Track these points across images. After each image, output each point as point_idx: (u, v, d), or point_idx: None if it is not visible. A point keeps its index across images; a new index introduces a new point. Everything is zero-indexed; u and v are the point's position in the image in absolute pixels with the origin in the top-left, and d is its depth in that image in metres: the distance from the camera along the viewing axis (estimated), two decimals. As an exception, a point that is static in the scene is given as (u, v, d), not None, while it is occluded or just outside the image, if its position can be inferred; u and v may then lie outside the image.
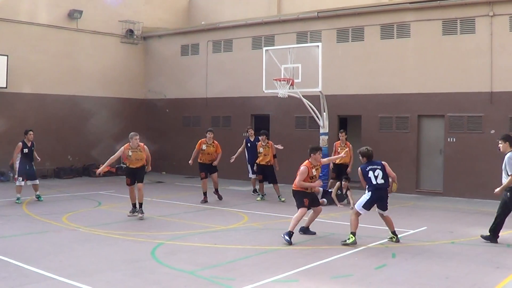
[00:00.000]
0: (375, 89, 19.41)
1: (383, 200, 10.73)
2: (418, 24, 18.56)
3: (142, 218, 13.08)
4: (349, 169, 16.32)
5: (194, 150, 16.21)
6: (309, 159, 11.11)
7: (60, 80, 22.86)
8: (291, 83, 16.72)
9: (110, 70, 24.61)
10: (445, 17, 17.98)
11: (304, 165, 11.04)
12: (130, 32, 25.18)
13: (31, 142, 15.91)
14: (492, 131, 17.16)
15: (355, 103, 19.82)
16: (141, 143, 13.48)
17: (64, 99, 22.90)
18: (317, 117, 17.16)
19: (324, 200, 15.38)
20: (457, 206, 16.03)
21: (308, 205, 11.00)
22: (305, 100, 16.92)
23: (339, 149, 16.15)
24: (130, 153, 13.21)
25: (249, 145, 17.95)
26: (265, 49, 17.93)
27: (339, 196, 15.86)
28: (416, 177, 18.67)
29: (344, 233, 11.46)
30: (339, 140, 16.64)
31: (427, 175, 18.69)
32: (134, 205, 13.45)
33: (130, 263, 8.97)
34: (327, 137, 17.23)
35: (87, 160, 23.02)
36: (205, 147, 16.03)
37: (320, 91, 16.59)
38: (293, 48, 17.33)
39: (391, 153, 18.30)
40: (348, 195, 15.80)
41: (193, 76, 24.39)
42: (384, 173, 10.63)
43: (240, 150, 17.98)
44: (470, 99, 17.61)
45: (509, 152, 10.69)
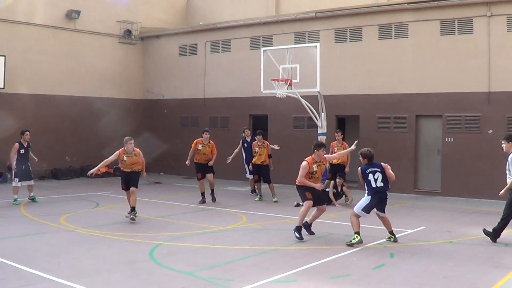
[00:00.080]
0: (373, 89, 19.42)
1: (383, 202, 10.75)
2: (416, 24, 18.57)
3: (133, 221, 12.75)
4: (347, 169, 16.35)
5: (190, 150, 16.21)
6: (312, 154, 11.16)
7: (58, 81, 22.81)
8: (289, 83, 16.71)
9: (108, 71, 24.57)
10: (443, 18, 18.00)
11: (305, 160, 11.10)
12: (128, 32, 25.15)
13: (27, 142, 15.88)
14: (490, 131, 17.19)
15: (353, 103, 19.83)
16: (136, 148, 13.30)
17: (62, 100, 22.86)
18: (315, 117, 17.14)
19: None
20: (455, 205, 16.04)
21: (312, 198, 10.99)
22: (303, 101, 16.91)
23: (336, 149, 16.19)
24: (125, 158, 13.05)
25: (245, 145, 17.95)
26: (263, 49, 17.89)
27: (335, 195, 15.90)
28: (414, 177, 18.68)
29: (342, 233, 11.49)
30: (335, 140, 16.67)
31: (425, 175, 18.70)
32: (133, 208, 13.28)
33: (128, 264, 8.96)
34: (325, 137, 17.20)
35: (85, 161, 22.96)
36: (201, 147, 16.02)
37: (318, 91, 16.58)
38: (291, 49, 17.31)
39: (389, 153, 18.31)
40: (344, 190, 15.98)
41: (191, 76, 24.38)
42: (384, 176, 10.64)
43: (237, 151, 17.98)
44: (468, 99, 17.63)
45: None
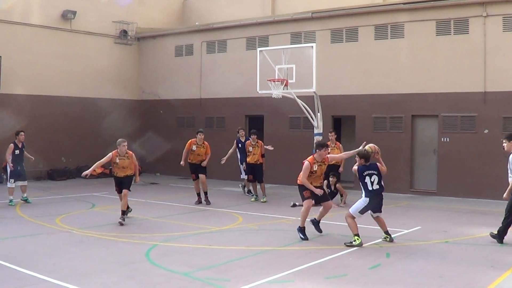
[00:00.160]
0: (369, 89, 19.43)
1: (379, 203, 10.75)
2: (412, 24, 18.59)
3: (122, 224, 12.54)
4: (341, 168, 16.31)
5: (184, 150, 16.13)
6: (314, 154, 11.16)
7: (54, 81, 22.76)
8: (285, 83, 16.71)
9: (104, 71, 24.53)
10: (438, 18, 18.02)
11: (307, 160, 11.11)
12: (124, 33, 25.12)
13: (22, 143, 15.86)
14: (486, 131, 17.23)
15: (349, 104, 19.84)
16: (129, 151, 13.21)
17: (58, 101, 22.81)
18: (311, 117, 17.15)
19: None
20: (451, 205, 16.06)
21: (310, 196, 10.98)
22: (299, 101, 16.92)
23: (329, 149, 16.11)
24: (118, 160, 12.94)
25: (240, 145, 17.96)
26: (259, 49, 17.89)
27: (329, 194, 15.86)
28: (410, 177, 18.70)
29: (339, 233, 11.51)
30: (329, 140, 16.60)
31: (421, 175, 18.72)
32: (128, 207, 13.34)
33: (125, 265, 8.95)
34: (321, 137, 17.19)
35: (80, 162, 22.89)
36: (195, 147, 15.95)
37: (314, 92, 16.58)
38: (287, 49, 17.32)
39: (385, 153, 18.16)
40: (338, 188, 15.97)
41: (187, 77, 24.35)
42: (380, 177, 10.64)
43: (231, 151, 17.98)
44: (463, 99, 17.65)
45: None
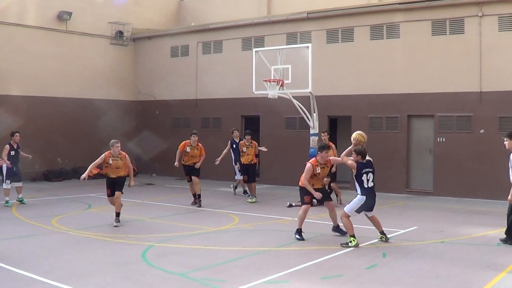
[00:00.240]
0: (365, 89, 19.44)
1: (374, 202, 10.76)
2: (407, 24, 18.61)
3: (117, 226, 12.52)
4: (333, 168, 16.27)
5: (178, 151, 16.03)
6: (316, 157, 11.23)
7: (49, 82, 22.72)
8: (281, 84, 16.69)
9: (99, 72, 24.48)
10: (434, 18, 18.05)
11: (309, 162, 11.17)
12: (120, 33, 25.09)
13: (17, 144, 15.86)
14: (482, 131, 17.26)
15: (345, 104, 19.85)
16: (123, 152, 12.99)
17: (53, 101, 22.76)
18: (307, 118, 17.13)
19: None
20: (447, 205, 16.08)
21: (310, 202, 11.05)
22: (295, 101, 16.90)
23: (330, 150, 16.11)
24: (111, 161, 12.71)
25: (234, 146, 17.96)
26: (255, 50, 17.86)
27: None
28: (406, 177, 18.72)
29: (334, 233, 11.49)
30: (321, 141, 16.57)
31: (417, 175, 18.74)
32: (118, 214, 12.95)
33: (121, 265, 8.94)
34: (317, 138, 17.20)
35: (76, 163, 22.88)
36: (189, 149, 15.86)
37: (310, 92, 16.57)
38: (283, 49, 17.29)
39: (381, 153, 18.35)
40: (332, 187, 15.86)
41: (183, 77, 24.34)
42: (374, 175, 10.66)
43: (225, 152, 17.97)
44: (459, 99, 17.68)
45: None
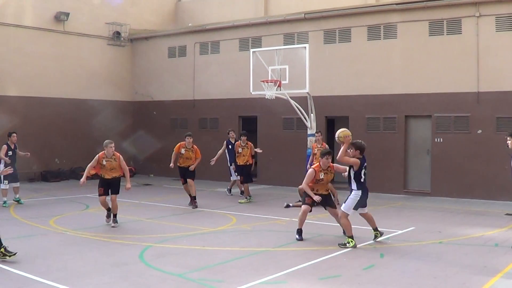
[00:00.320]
0: (362, 90, 19.45)
1: (367, 196, 10.70)
2: (404, 25, 18.63)
3: (115, 226, 12.47)
4: None
5: (173, 153, 15.97)
6: (319, 161, 11.17)
7: (47, 83, 22.68)
8: (278, 84, 16.71)
9: (97, 73, 24.46)
10: (431, 18, 18.06)
11: (312, 167, 11.14)
12: (117, 34, 25.06)
13: (14, 144, 15.87)
14: (479, 131, 17.27)
15: (342, 104, 19.85)
16: (117, 153, 12.69)
17: (51, 102, 22.73)
18: (305, 118, 17.15)
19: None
20: (444, 206, 16.09)
21: (311, 204, 10.96)
22: (292, 102, 16.92)
23: (316, 150, 16.10)
24: (104, 162, 12.46)
25: (230, 147, 17.97)
26: (252, 50, 17.89)
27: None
28: (403, 177, 18.72)
29: (332, 234, 11.51)
30: (315, 141, 16.51)
31: (415, 176, 18.75)
32: (109, 209, 12.69)
33: (118, 266, 8.93)
34: (314, 138, 17.22)
35: (74, 163, 22.88)
36: (183, 151, 15.81)
37: (308, 92, 16.59)
38: (280, 50, 17.31)
39: (379, 153, 18.38)
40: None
41: (180, 78, 24.33)
42: (366, 170, 10.62)
43: (220, 152, 17.97)
44: (457, 100, 17.69)
45: None
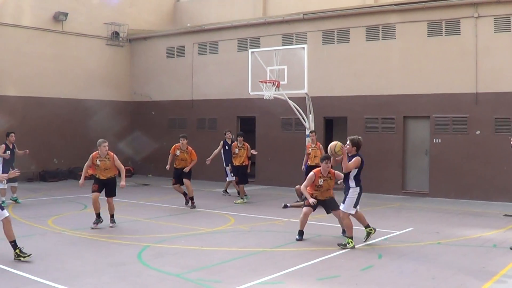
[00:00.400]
0: (360, 90, 19.45)
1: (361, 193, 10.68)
2: (403, 25, 18.63)
3: (113, 227, 12.45)
4: None
5: (169, 155, 15.95)
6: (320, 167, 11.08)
7: (45, 83, 22.67)
8: (277, 85, 16.72)
9: (95, 73, 24.45)
10: (430, 19, 18.07)
11: (313, 172, 11.05)
12: (116, 34, 25.05)
13: (12, 144, 15.88)
14: (478, 132, 17.28)
15: (341, 105, 19.85)
16: (111, 152, 12.45)
17: (49, 102, 22.72)
18: (303, 118, 17.16)
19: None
20: (443, 206, 16.09)
21: (311, 205, 10.89)
22: (291, 102, 16.93)
23: (310, 149, 16.10)
24: (98, 162, 12.25)
25: (226, 147, 17.98)
26: (250, 51, 17.90)
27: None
28: (402, 178, 18.72)
29: (331, 234, 11.51)
30: (309, 141, 16.48)
31: (413, 176, 18.75)
32: (98, 215, 12.37)
33: (117, 266, 8.92)
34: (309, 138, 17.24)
35: (72, 163, 22.83)
36: (178, 152, 15.76)
37: (306, 93, 16.60)
38: (278, 50, 17.33)
39: (377, 154, 18.38)
40: None
41: (179, 78, 24.32)
42: None
43: (216, 152, 18.00)
44: (455, 100, 17.70)
45: None
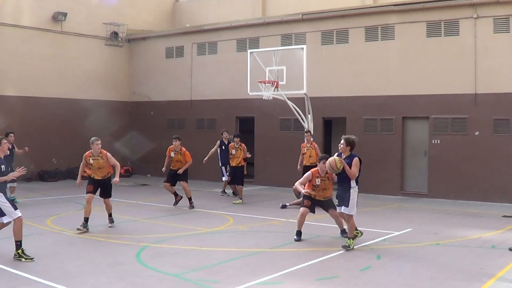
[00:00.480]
0: (359, 91, 19.45)
1: None
2: (402, 26, 18.64)
3: (112, 227, 12.42)
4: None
5: (166, 157, 15.80)
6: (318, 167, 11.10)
7: (44, 83, 22.67)
8: (276, 85, 16.74)
9: (94, 73, 24.44)
10: (429, 19, 18.08)
11: (310, 171, 11.10)
12: (115, 34, 25.04)
13: (11, 144, 15.87)
14: (476, 133, 17.29)
15: (340, 105, 19.85)
16: (104, 150, 12.21)
17: (48, 102, 22.72)
18: (302, 119, 17.17)
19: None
20: (441, 207, 16.09)
21: (309, 206, 10.89)
22: (290, 102, 16.94)
23: (305, 149, 16.10)
24: (91, 161, 12.08)
25: (223, 147, 17.99)
26: (249, 51, 17.91)
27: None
28: (400, 179, 18.72)
29: (330, 235, 11.52)
30: (304, 141, 16.45)
31: (412, 177, 18.75)
32: (87, 220, 11.84)
33: (115, 266, 8.92)
34: (312, 139, 17.24)
35: (71, 163, 22.80)
36: (173, 154, 15.71)
37: (305, 93, 16.61)
38: (277, 51, 17.35)
39: (376, 155, 18.39)
40: None
41: (178, 78, 24.31)
42: None
43: (212, 151, 18.04)
44: (454, 101, 17.70)
45: None
